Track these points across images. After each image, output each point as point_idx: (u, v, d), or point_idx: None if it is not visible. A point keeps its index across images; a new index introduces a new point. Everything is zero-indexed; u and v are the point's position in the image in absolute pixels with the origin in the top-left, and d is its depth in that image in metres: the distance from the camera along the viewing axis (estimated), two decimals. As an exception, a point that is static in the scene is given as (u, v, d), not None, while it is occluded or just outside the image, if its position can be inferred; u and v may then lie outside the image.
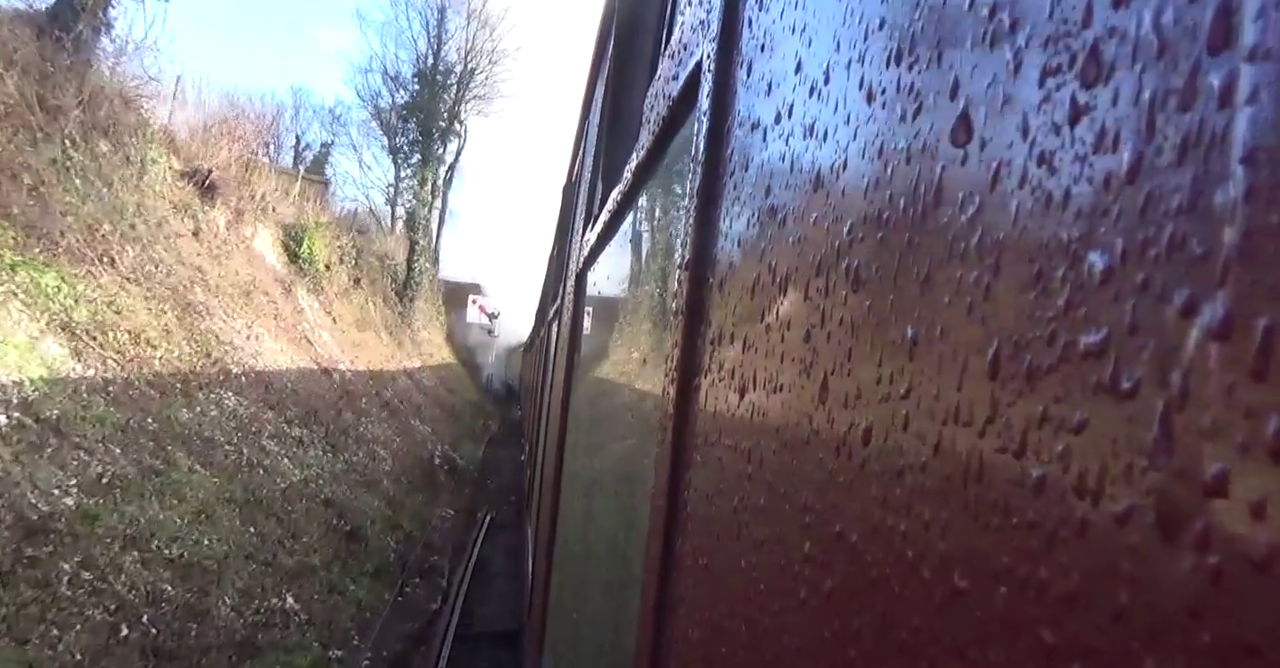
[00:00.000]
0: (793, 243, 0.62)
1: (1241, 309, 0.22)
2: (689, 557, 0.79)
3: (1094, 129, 0.29)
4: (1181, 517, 0.23)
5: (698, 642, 0.73)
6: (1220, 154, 0.23)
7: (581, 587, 2.16)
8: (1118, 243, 0.27)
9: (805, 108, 0.62)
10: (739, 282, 0.75)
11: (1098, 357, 0.27)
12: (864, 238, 0.49)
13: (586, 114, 4.05)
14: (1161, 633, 0.23)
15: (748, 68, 0.80)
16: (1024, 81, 0.34)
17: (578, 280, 2.97)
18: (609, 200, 2.07)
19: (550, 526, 2.92)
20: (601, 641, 1.66)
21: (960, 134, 0.39)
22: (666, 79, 1.26)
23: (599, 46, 3.28)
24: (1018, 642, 0.30)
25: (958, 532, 0.35)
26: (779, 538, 0.57)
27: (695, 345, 0.86)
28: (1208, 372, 0.23)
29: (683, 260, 0.94)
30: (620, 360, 2.01)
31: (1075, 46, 0.31)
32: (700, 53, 0.98)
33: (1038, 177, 0.33)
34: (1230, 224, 0.23)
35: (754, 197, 0.73)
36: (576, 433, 2.73)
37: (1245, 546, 0.21)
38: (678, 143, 1.25)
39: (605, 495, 1.91)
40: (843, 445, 0.48)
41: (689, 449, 0.84)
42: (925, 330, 0.41)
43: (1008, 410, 0.33)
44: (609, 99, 2.76)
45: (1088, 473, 0.27)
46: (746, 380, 0.68)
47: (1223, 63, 0.24)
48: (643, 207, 1.76)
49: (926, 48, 0.44)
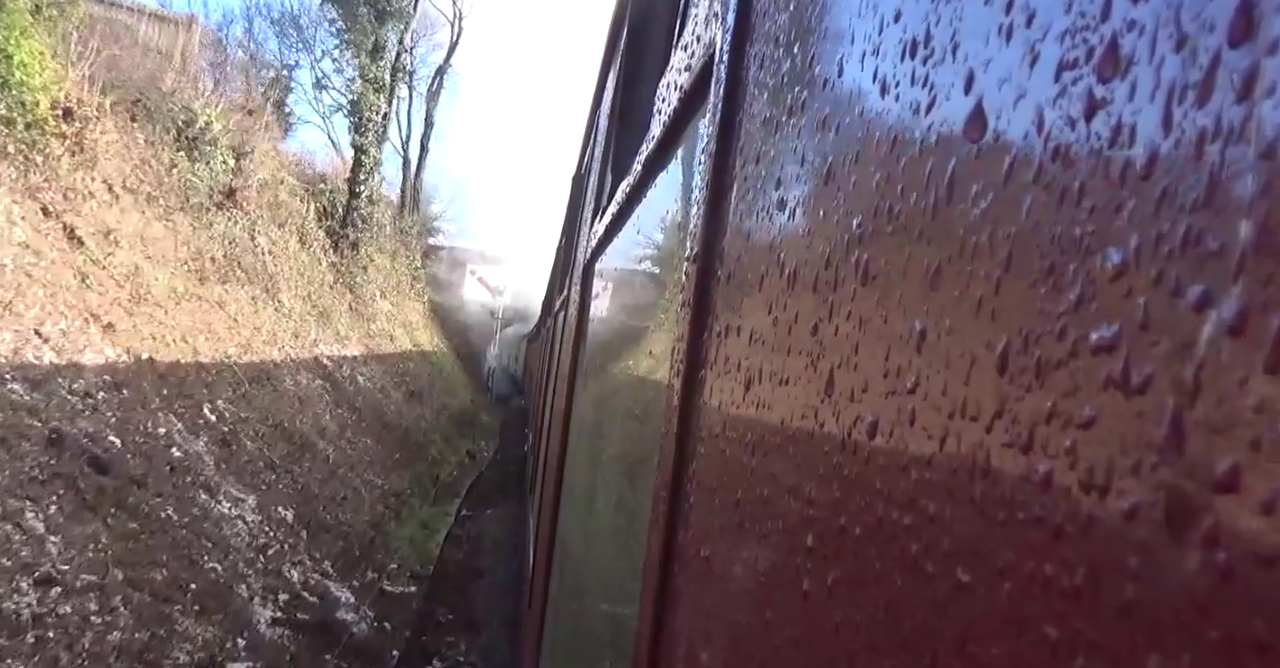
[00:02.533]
0: (802, 236, 0.61)
1: (1256, 304, 0.22)
2: (691, 549, 0.79)
3: (1110, 123, 0.29)
4: (1190, 513, 0.23)
5: (699, 634, 0.73)
6: (1238, 148, 0.23)
7: (582, 578, 2.16)
8: (1132, 238, 0.27)
9: (818, 101, 0.62)
10: (746, 275, 0.74)
11: (1109, 352, 0.27)
12: (874, 232, 0.49)
13: (597, 105, 4.05)
14: (1168, 630, 0.23)
15: (760, 60, 0.80)
16: (1040, 75, 0.34)
17: (585, 272, 2.97)
18: (618, 192, 2.07)
19: (552, 518, 2.93)
20: (601, 633, 1.67)
21: (974, 128, 0.39)
22: (678, 71, 1.25)
23: (611, 38, 3.27)
24: (1022, 637, 0.30)
25: (963, 527, 0.35)
26: (782, 531, 0.57)
27: (701, 338, 0.86)
28: (1220, 367, 0.22)
29: (690, 253, 0.93)
30: (626, 352, 2.01)
31: (1093, 40, 0.31)
32: (713, 44, 0.98)
33: (1052, 171, 0.32)
34: (1247, 218, 0.22)
35: (764, 190, 0.73)
36: (581, 425, 2.74)
37: (1255, 542, 0.21)
38: (688, 135, 1.25)
39: (608, 488, 1.91)
40: (848, 440, 0.48)
41: (692, 442, 0.84)
42: (934, 325, 0.40)
43: (1016, 405, 0.32)
44: (620, 90, 2.75)
45: (1096, 469, 0.27)
46: (752, 374, 0.68)
47: (1243, 56, 0.23)
48: (652, 199, 1.76)
49: (941, 41, 0.44)
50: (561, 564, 2.67)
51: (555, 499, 2.91)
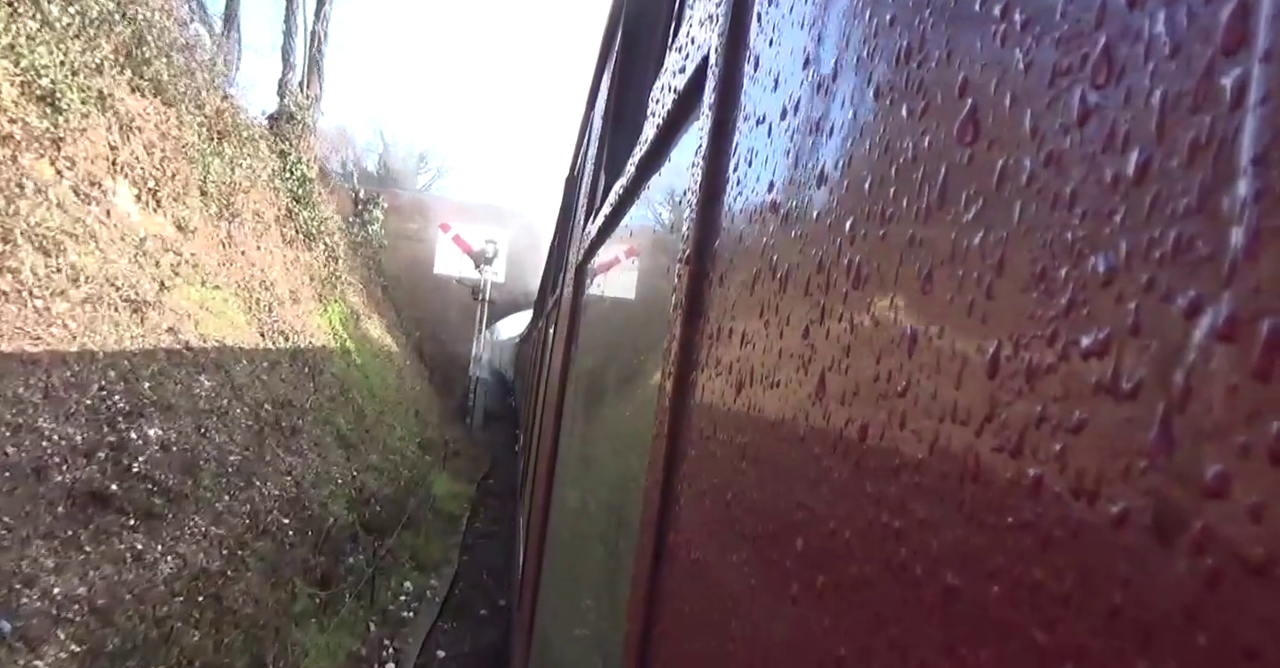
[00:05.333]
0: (794, 239, 0.62)
1: (1247, 310, 0.22)
2: (680, 550, 0.79)
3: (1103, 130, 0.29)
4: (1179, 519, 0.23)
5: (688, 635, 0.73)
6: (1230, 155, 0.23)
7: (572, 578, 2.16)
8: (1123, 243, 0.27)
9: (812, 104, 0.62)
10: (739, 277, 0.74)
11: (1099, 357, 0.27)
12: (866, 235, 0.49)
13: (591, 106, 4.04)
14: (1156, 636, 0.23)
15: (755, 62, 0.80)
16: (1034, 81, 0.34)
17: (577, 273, 2.97)
18: (611, 193, 2.07)
19: (542, 517, 2.92)
20: (591, 633, 1.67)
21: (967, 133, 0.39)
22: (673, 72, 1.25)
23: (606, 40, 3.27)
24: (1009, 642, 0.30)
25: (952, 531, 0.35)
26: (772, 534, 0.57)
27: (693, 340, 0.86)
28: (1210, 373, 0.22)
29: (683, 255, 0.93)
30: (617, 354, 2.01)
31: (1087, 47, 0.31)
32: (707, 46, 0.98)
33: (1044, 177, 0.33)
34: (1238, 225, 0.22)
35: (757, 192, 0.73)
36: (572, 426, 2.73)
37: (1243, 548, 0.21)
38: (682, 136, 1.25)
39: (598, 488, 1.91)
40: (838, 442, 0.48)
41: (684, 443, 0.84)
42: (925, 328, 0.40)
43: (1006, 410, 0.32)
44: (614, 92, 2.75)
45: (1085, 474, 0.27)
46: (743, 376, 0.68)
47: (1236, 64, 0.23)
48: (645, 200, 1.76)
49: (936, 45, 0.44)
50: (551, 566, 2.67)
51: (545, 500, 2.90)
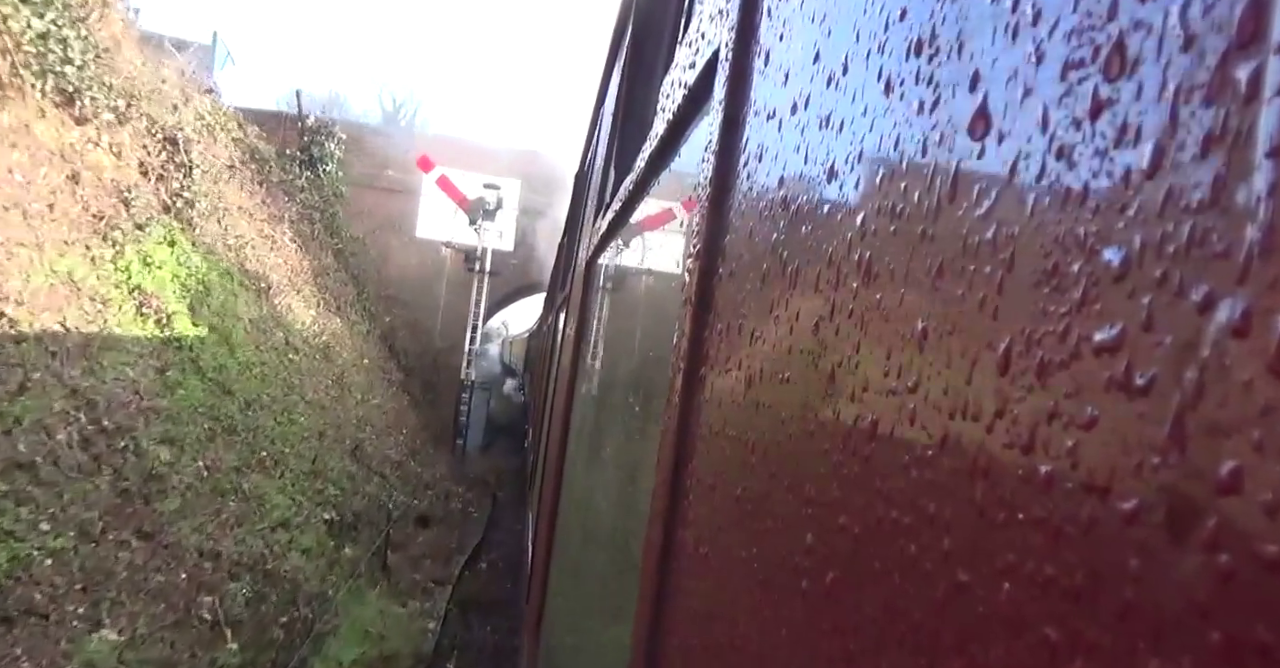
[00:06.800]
0: (804, 234, 0.61)
1: (1260, 305, 0.22)
2: (689, 546, 0.79)
3: (1115, 123, 0.29)
4: (1192, 515, 0.23)
5: (696, 631, 0.73)
6: (1244, 149, 0.23)
7: (581, 574, 2.16)
8: (1136, 238, 0.27)
9: (822, 98, 0.62)
10: (748, 273, 0.74)
11: (1112, 352, 0.27)
12: (877, 230, 0.49)
13: (601, 102, 4.04)
14: (1168, 632, 0.23)
15: (765, 57, 0.80)
16: (1045, 74, 0.34)
17: (587, 269, 2.97)
18: (621, 189, 2.07)
19: (551, 512, 2.93)
20: (599, 627, 1.67)
21: (978, 127, 0.39)
22: (683, 67, 1.25)
23: (616, 36, 3.26)
24: (1022, 639, 0.30)
25: (963, 527, 0.35)
26: (781, 529, 0.57)
27: (702, 336, 0.86)
28: (1224, 368, 0.22)
29: (692, 250, 0.93)
30: (627, 349, 2.01)
31: (1099, 39, 0.31)
32: (718, 41, 0.98)
33: (1056, 170, 0.32)
34: (1252, 220, 0.22)
35: (767, 187, 0.72)
36: (581, 421, 2.74)
37: (1257, 544, 0.20)
38: (692, 132, 1.24)
39: (607, 483, 1.91)
40: (848, 438, 0.48)
41: (692, 439, 0.84)
42: (936, 324, 0.40)
43: (1018, 406, 0.32)
44: (625, 87, 2.75)
45: (1097, 470, 0.27)
46: (753, 372, 0.68)
47: (1251, 56, 0.23)
48: (655, 196, 1.75)
49: (947, 39, 0.44)
50: (560, 559, 2.67)
51: (555, 495, 2.91)
